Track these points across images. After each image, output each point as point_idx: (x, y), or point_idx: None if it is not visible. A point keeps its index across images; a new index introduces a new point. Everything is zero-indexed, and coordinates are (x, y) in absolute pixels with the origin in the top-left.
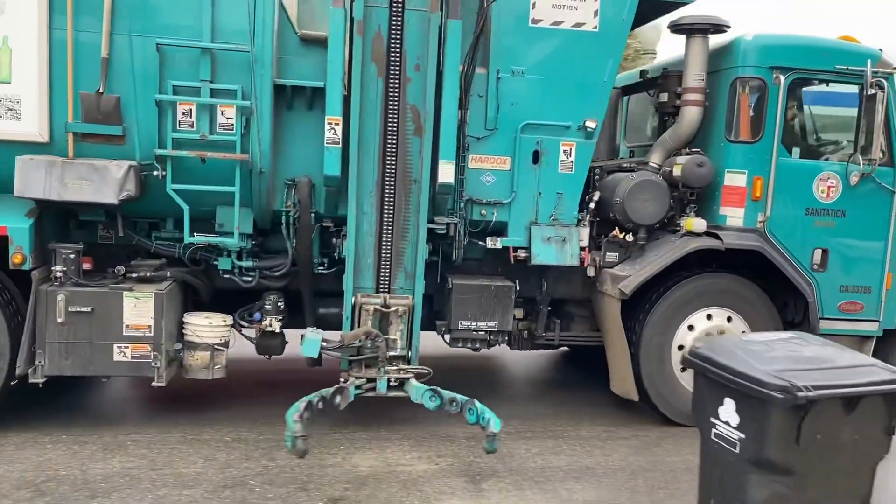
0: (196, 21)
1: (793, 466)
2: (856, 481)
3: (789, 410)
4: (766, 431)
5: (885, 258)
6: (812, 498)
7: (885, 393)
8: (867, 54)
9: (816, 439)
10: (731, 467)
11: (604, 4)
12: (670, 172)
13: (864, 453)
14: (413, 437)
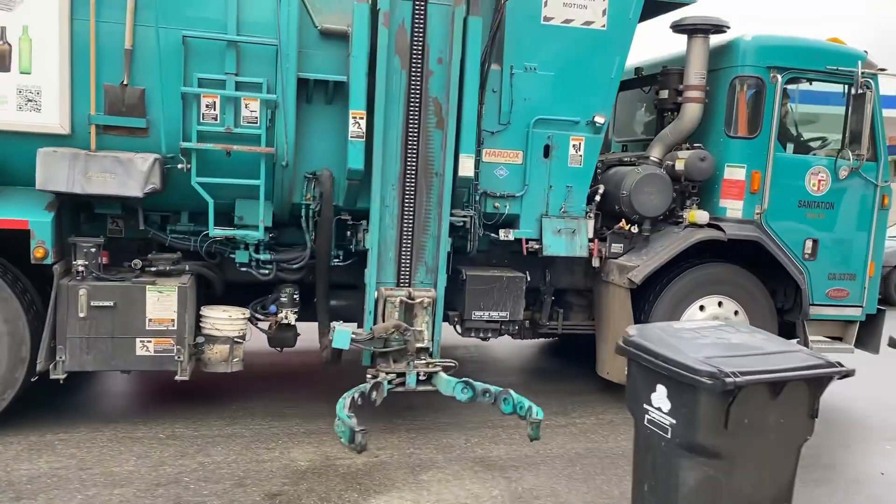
0: (221, 14)
1: (721, 450)
2: (781, 463)
3: (718, 396)
4: (695, 416)
5: (868, 247)
6: (740, 480)
7: (809, 378)
8: (857, 56)
9: (744, 423)
10: (664, 452)
11: (611, 4)
12: (672, 166)
13: (789, 436)
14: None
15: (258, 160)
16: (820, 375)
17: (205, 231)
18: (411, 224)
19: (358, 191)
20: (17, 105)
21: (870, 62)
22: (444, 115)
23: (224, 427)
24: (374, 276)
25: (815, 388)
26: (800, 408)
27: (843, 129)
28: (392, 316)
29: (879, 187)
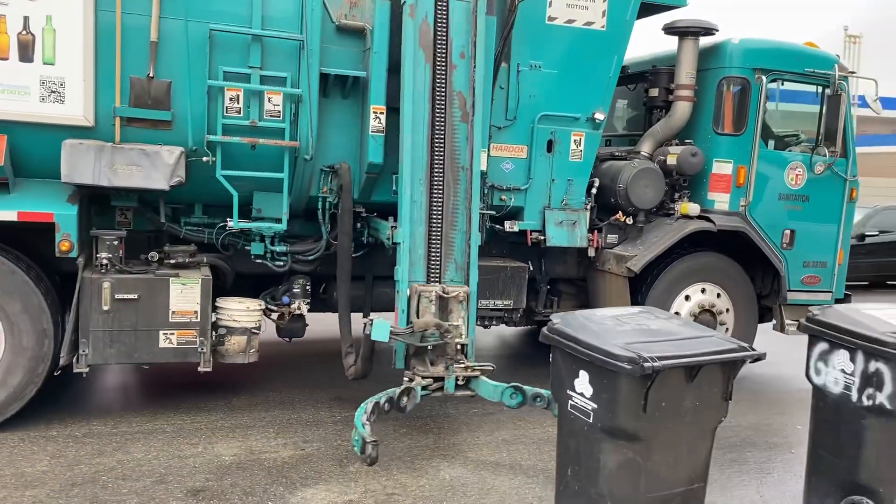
0: (246, 8)
1: (640, 433)
2: (697, 444)
3: (637, 380)
4: (616, 401)
5: (838, 237)
6: (658, 462)
7: (723, 361)
8: (832, 59)
9: (661, 407)
10: (586, 436)
11: (611, 5)
12: (664, 161)
13: (704, 418)
14: (278, 423)
15: (281, 153)
16: (733, 359)
17: (219, 223)
18: (440, 219)
19: (374, 184)
20: (40, 96)
21: (841, 65)
22: (469, 108)
23: (144, 423)
24: (406, 272)
25: (728, 372)
26: (714, 391)
27: (817, 127)
28: (428, 311)
29: (848, 181)
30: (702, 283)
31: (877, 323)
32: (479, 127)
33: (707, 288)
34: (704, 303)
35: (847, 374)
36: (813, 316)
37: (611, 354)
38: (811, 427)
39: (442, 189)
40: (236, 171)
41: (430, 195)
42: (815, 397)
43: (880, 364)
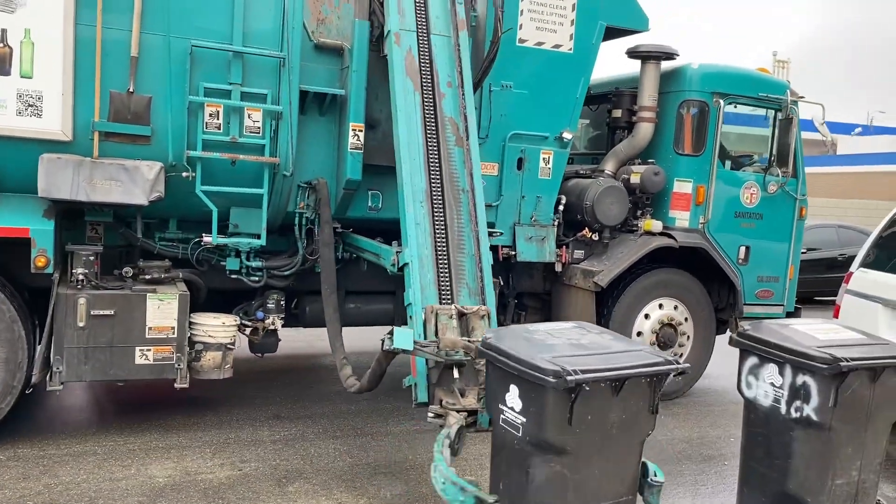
0: (227, 25)
1: (567, 446)
2: (625, 457)
3: (562, 393)
4: (543, 414)
5: (790, 253)
6: (586, 475)
7: (648, 375)
8: (784, 85)
9: (588, 420)
10: (515, 450)
11: (578, 29)
12: (628, 180)
13: (632, 431)
14: (215, 444)
15: (261, 169)
16: (658, 372)
17: (193, 238)
18: (445, 242)
19: (350, 200)
20: (17, 110)
21: (792, 91)
22: (462, 133)
23: (74, 445)
24: (419, 295)
25: (654, 385)
26: (641, 404)
27: (770, 148)
28: (448, 328)
29: (798, 200)
30: (663, 298)
31: (804, 338)
32: (475, 151)
33: (668, 302)
34: (664, 317)
35: (776, 388)
36: (744, 331)
37: (537, 368)
38: (743, 439)
39: (444, 211)
40: (216, 186)
41: (433, 218)
42: (747, 410)
43: (807, 377)
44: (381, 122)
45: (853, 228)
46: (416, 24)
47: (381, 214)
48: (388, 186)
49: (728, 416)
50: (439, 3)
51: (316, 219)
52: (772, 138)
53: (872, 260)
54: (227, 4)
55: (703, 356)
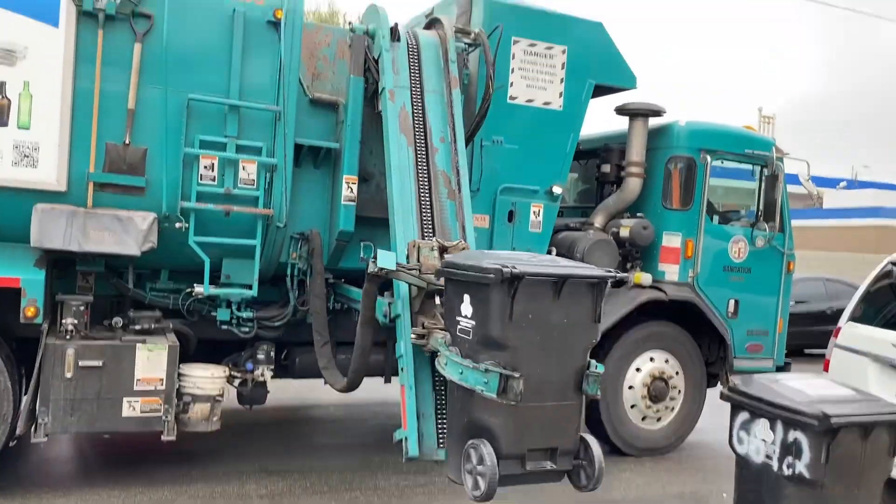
0: (224, 79)
1: (509, 341)
2: (569, 361)
3: (503, 290)
4: (488, 312)
5: (778, 307)
6: (530, 369)
7: (587, 281)
8: (769, 142)
9: (529, 318)
10: (467, 353)
11: (567, 87)
12: (617, 233)
13: (573, 337)
14: (201, 497)
15: (254, 221)
16: (595, 279)
17: (185, 288)
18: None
19: (343, 251)
20: (13, 161)
21: (778, 147)
22: (455, 187)
23: (57, 498)
24: (410, 348)
25: (595, 293)
26: (583, 311)
27: (756, 204)
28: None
29: (786, 255)
30: (654, 351)
31: (795, 393)
32: (467, 204)
33: (659, 355)
34: (655, 370)
35: (768, 444)
36: (735, 386)
37: (482, 269)
38: (735, 496)
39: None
40: (209, 237)
41: None
42: (739, 466)
43: (798, 434)
44: (374, 175)
45: (841, 282)
46: (410, 82)
47: None
48: (380, 238)
49: (720, 471)
50: (432, 62)
51: (308, 269)
52: (758, 194)
53: (860, 314)
54: (224, 59)
55: (695, 410)
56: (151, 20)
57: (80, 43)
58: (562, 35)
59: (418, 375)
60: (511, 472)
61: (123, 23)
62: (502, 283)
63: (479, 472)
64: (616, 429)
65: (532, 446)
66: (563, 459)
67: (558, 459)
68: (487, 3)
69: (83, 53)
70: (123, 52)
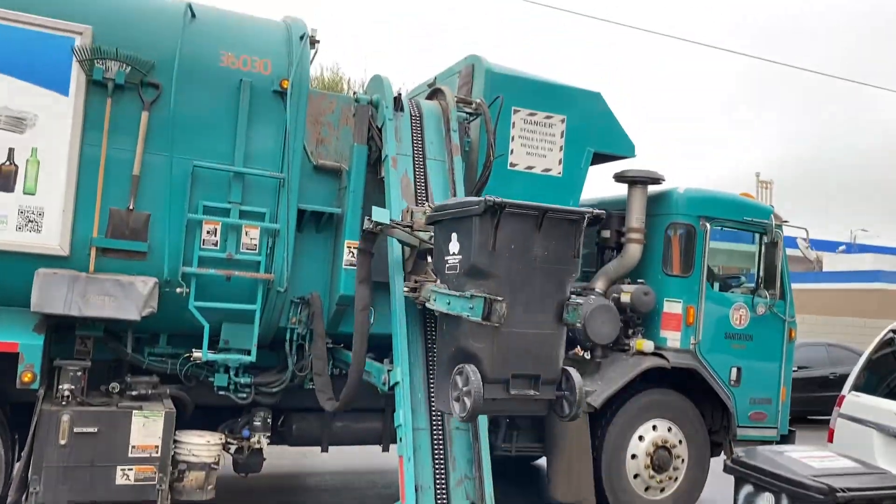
0: (229, 146)
1: (493, 269)
2: (550, 288)
3: (487, 221)
4: (472, 244)
5: (780, 374)
6: (513, 297)
7: (569, 218)
8: (768, 210)
9: (511, 249)
10: (455, 286)
11: (566, 155)
12: (618, 299)
13: (555, 269)
14: None
15: (255, 285)
16: (577, 217)
17: (183, 353)
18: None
19: (343, 315)
20: (17, 225)
21: (776, 214)
22: None
23: None
24: (409, 417)
25: (574, 229)
26: (563, 245)
27: (757, 270)
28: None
29: (787, 322)
30: (657, 419)
31: (799, 466)
32: None
33: (662, 424)
34: (659, 439)
35: None
36: (738, 457)
37: (467, 202)
38: None
39: (436, 330)
40: (209, 302)
41: (425, 336)
42: None
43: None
44: None
45: (843, 347)
46: (413, 149)
47: (373, 330)
48: (380, 302)
49: None
50: (434, 130)
51: (307, 334)
52: (758, 260)
53: (863, 383)
54: (230, 127)
55: (699, 480)
56: (159, 89)
57: (88, 111)
58: (561, 105)
59: (417, 446)
60: (496, 396)
61: (132, 91)
62: (485, 214)
63: (465, 393)
64: (619, 498)
65: (516, 371)
66: (546, 388)
67: (542, 388)
68: (488, 75)
69: (91, 121)
70: (131, 120)
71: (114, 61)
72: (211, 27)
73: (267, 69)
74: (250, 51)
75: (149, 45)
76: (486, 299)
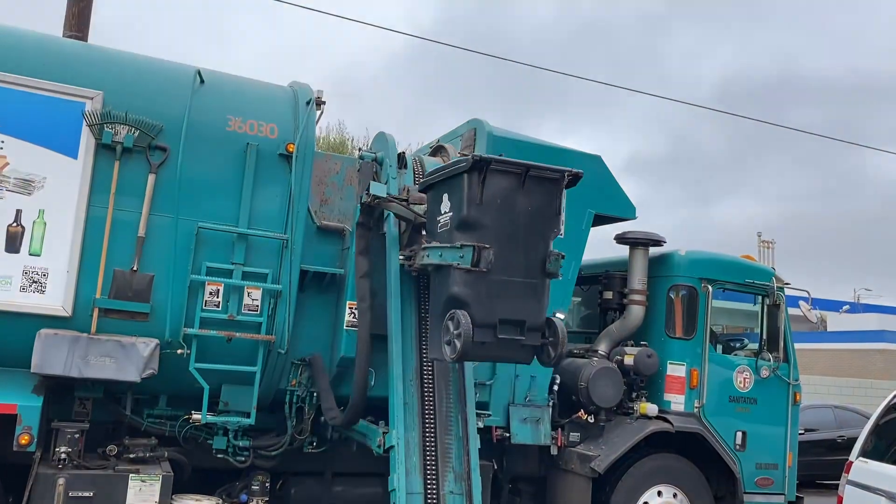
0: (234, 207)
1: (479, 220)
2: (534, 241)
3: (473, 176)
4: (461, 198)
5: (786, 438)
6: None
7: (550, 177)
8: (770, 272)
9: (497, 203)
10: (447, 240)
11: (568, 216)
12: (621, 361)
13: (539, 224)
14: None
15: (256, 347)
16: (557, 175)
17: (182, 415)
18: (433, 423)
19: (343, 378)
20: (21, 286)
21: (778, 277)
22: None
23: None
24: (403, 481)
25: (555, 188)
26: (545, 201)
27: (760, 332)
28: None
29: (791, 385)
30: (662, 485)
31: None
32: None
33: (667, 489)
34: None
35: None
36: None
37: (455, 162)
38: None
39: (433, 391)
40: (209, 363)
41: (423, 397)
42: None
43: None
44: (377, 293)
45: (850, 409)
46: None
47: (374, 392)
48: (381, 364)
49: None
50: None
51: (307, 397)
52: (761, 322)
53: (871, 448)
54: (235, 189)
55: None
56: (167, 152)
57: (96, 173)
58: None
59: None
60: (484, 339)
61: (140, 155)
62: (472, 170)
63: (456, 336)
64: None
65: (503, 316)
66: (531, 335)
67: (527, 333)
68: (490, 137)
69: (98, 183)
70: (137, 182)
71: (123, 125)
72: (219, 92)
73: (273, 133)
74: (257, 115)
75: (158, 109)
76: (475, 247)
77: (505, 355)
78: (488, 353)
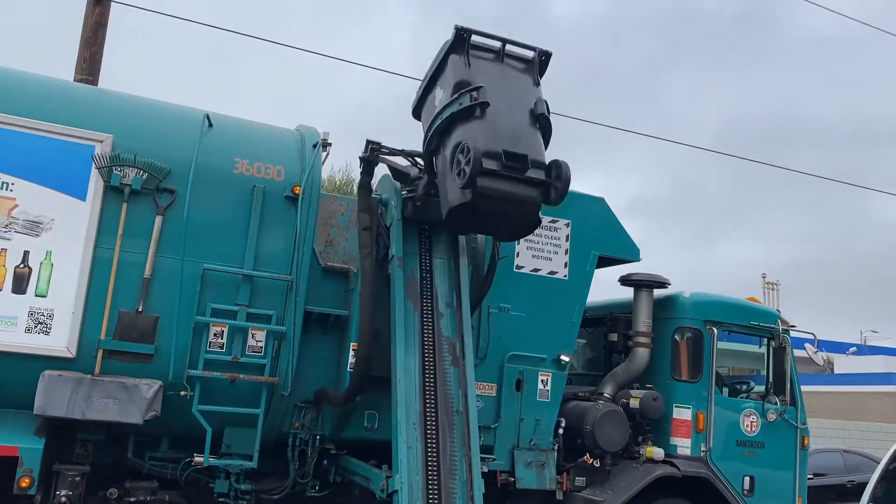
0: (240, 249)
1: (471, 80)
2: (518, 97)
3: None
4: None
5: (795, 483)
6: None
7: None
8: (775, 315)
9: (482, 78)
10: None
11: (572, 258)
12: (627, 404)
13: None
14: None
15: (259, 389)
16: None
17: (184, 458)
18: (436, 467)
19: (346, 420)
20: (26, 327)
21: (783, 319)
22: (459, 353)
23: None
24: None
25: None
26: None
27: (766, 376)
28: None
29: (799, 429)
30: None
31: None
32: (470, 371)
33: None
34: None
35: None
36: None
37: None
38: None
39: (437, 434)
40: (212, 405)
41: (426, 441)
42: None
43: None
44: (382, 334)
45: (859, 453)
46: (420, 248)
47: (377, 435)
48: (384, 406)
49: None
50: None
51: (310, 439)
52: (767, 365)
53: (881, 495)
54: (241, 231)
55: None
56: (174, 194)
57: (104, 215)
58: (566, 209)
59: None
60: (491, 168)
61: (147, 197)
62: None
63: (465, 163)
64: None
65: (507, 148)
66: (535, 170)
67: (531, 168)
68: None
69: (106, 225)
70: (144, 224)
71: (132, 168)
72: (227, 136)
73: (280, 176)
74: (264, 158)
75: (167, 153)
76: (469, 95)
77: (513, 191)
78: (497, 186)
